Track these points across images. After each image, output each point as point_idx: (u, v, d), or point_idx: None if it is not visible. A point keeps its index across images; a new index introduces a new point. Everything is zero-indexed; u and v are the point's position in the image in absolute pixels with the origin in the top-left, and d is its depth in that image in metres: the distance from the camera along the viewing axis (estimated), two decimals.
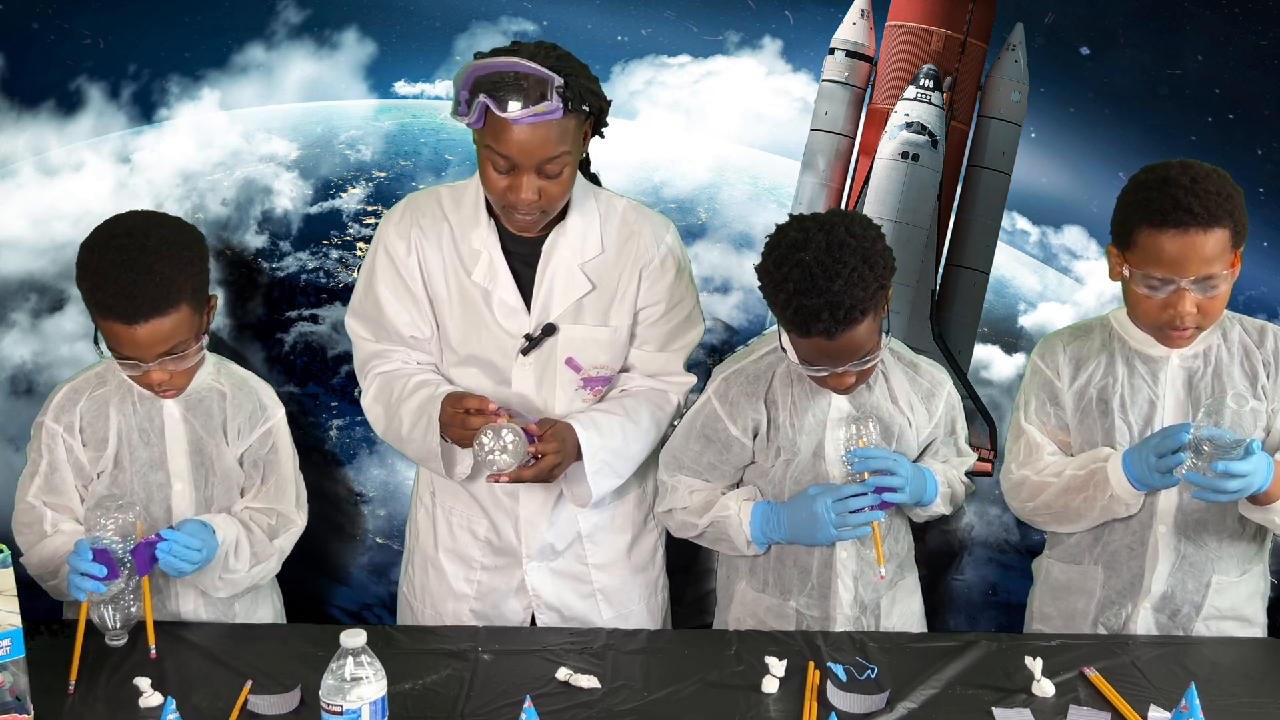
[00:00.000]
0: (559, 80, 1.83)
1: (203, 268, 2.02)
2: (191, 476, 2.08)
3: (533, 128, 1.84)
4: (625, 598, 2.25)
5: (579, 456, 2.03)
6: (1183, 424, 1.89)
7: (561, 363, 2.09)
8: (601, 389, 2.14)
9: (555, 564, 2.20)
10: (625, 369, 2.17)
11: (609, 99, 1.99)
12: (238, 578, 2.04)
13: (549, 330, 2.06)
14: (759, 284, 1.93)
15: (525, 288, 2.06)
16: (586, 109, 1.90)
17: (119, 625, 1.89)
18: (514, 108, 1.81)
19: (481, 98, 1.83)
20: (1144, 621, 2.07)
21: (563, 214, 2.04)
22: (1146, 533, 2.04)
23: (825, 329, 1.82)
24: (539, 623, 2.23)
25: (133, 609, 1.90)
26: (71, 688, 1.80)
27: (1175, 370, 2.02)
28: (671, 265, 2.11)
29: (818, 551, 2.05)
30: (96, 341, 2.00)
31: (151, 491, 2.06)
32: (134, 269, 1.89)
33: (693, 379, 2.22)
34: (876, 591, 2.09)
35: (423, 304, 2.10)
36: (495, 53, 1.87)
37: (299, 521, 2.16)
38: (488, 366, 2.10)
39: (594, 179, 2.20)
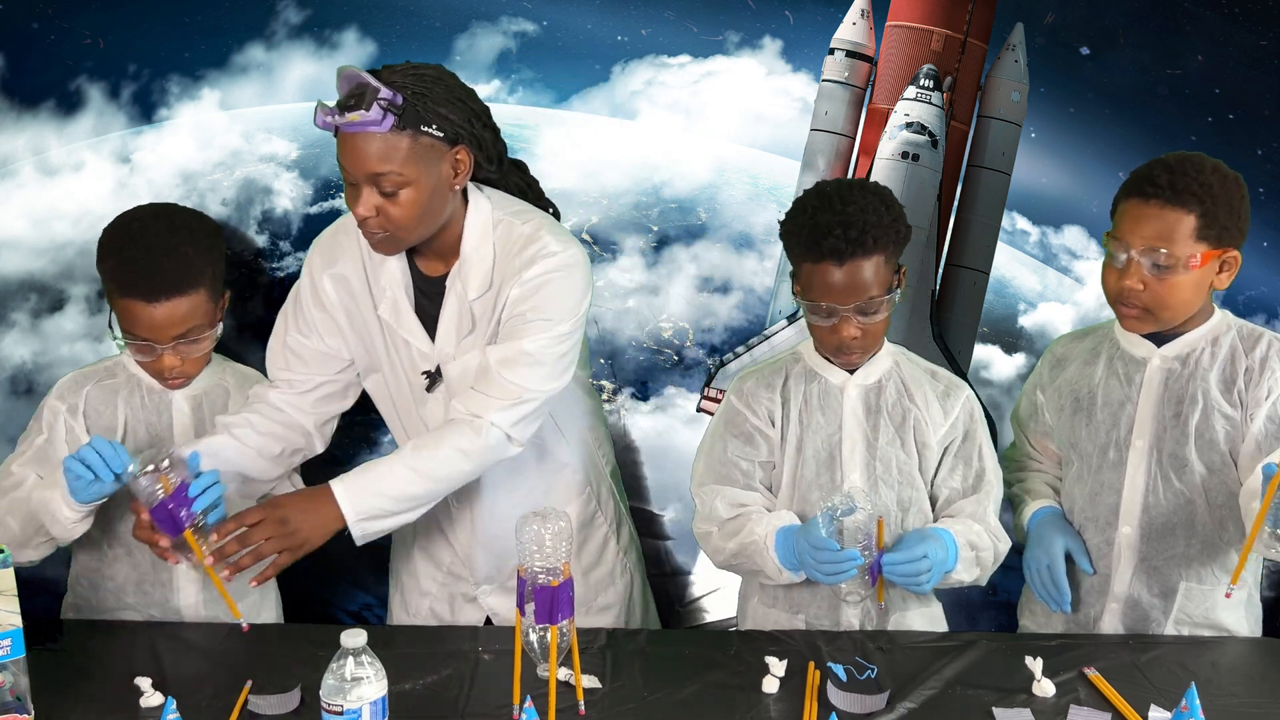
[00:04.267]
0: (385, 93, 1.79)
1: (222, 256, 2.07)
2: None
3: (357, 139, 1.80)
4: (582, 596, 2.21)
5: (317, 508, 1.86)
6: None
7: None
8: None
9: (507, 582, 2.19)
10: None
11: (489, 129, 1.92)
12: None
13: (440, 371, 2.03)
14: (781, 232, 1.95)
15: (431, 325, 2.02)
16: (439, 134, 1.84)
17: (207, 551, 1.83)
18: (339, 114, 1.80)
19: (319, 102, 1.82)
20: (1110, 622, 2.07)
21: (459, 251, 1.98)
22: (1113, 533, 2.04)
23: (835, 247, 1.85)
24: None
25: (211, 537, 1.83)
26: (245, 624, 1.85)
27: (1154, 371, 2.01)
28: (536, 287, 1.93)
29: None
30: (111, 326, 2.00)
31: None
32: (158, 247, 1.95)
33: (523, 394, 1.94)
34: (888, 603, 2.06)
35: (346, 333, 2.07)
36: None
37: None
38: (408, 402, 2.09)
39: (554, 210, 2.13)
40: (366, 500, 1.88)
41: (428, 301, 2.03)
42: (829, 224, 1.85)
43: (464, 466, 1.95)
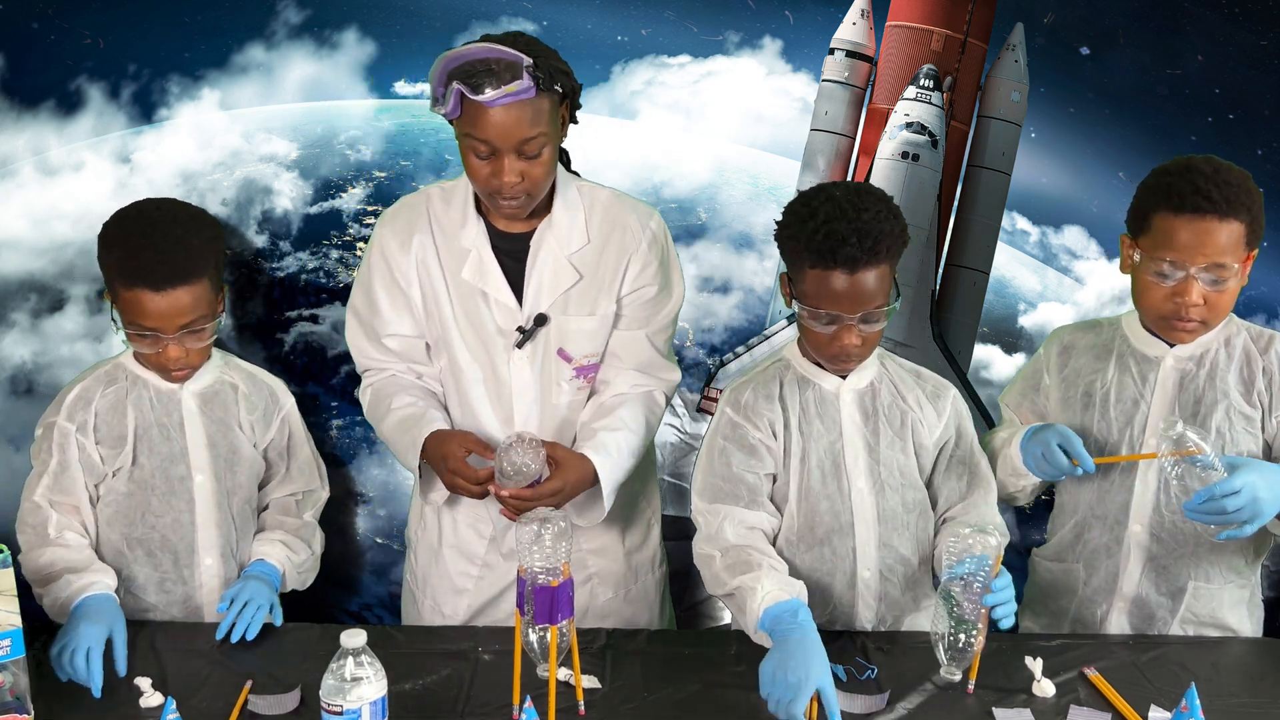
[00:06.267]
0: (528, 60, 1.87)
1: (222, 248, 2.12)
2: (212, 468, 2.10)
3: (507, 109, 1.88)
4: (621, 580, 2.28)
5: (586, 481, 2.05)
6: (1065, 434, 1.94)
7: (554, 354, 2.12)
8: (593, 375, 2.18)
9: None
10: (611, 356, 2.17)
11: (580, 83, 2.03)
12: (310, 563, 2.23)
13: (540, 321, 2.09)
14: (779, 233, 1.92)
15: (515, 283, 2.09)
16: (560, 89, 1.94)
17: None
18: (487, 91, 1.85)
19: (455, 85, 1.88)
20: (1117, 622, 2.07)
21: (548, 207, 2.08)
22: (1122, 531, 2.04)
23: (851, 256, 1.82)
24: None
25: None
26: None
27: (1168, 371, 2.01)
28: (657, 251, 2.13)
29: (838, 573, 2.01)
30: (114, 320, 2.02)
31: (174, 485, 2.08)
32: (163, 237, 1.99)
33: (678, 373, 2.24)
34: (900, 609, 2.06)
35: (416, 306, 2.13)
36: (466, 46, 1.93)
37: (323, 493, 2.30)
38: (485, 365, 2.13)
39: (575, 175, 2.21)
40: (615, 474, 2.08)
41: (508, 259, 2.09)
42: (844, 232, 1.81)
43: (653, 434, 2.20)
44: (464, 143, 1.94)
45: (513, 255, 2.09)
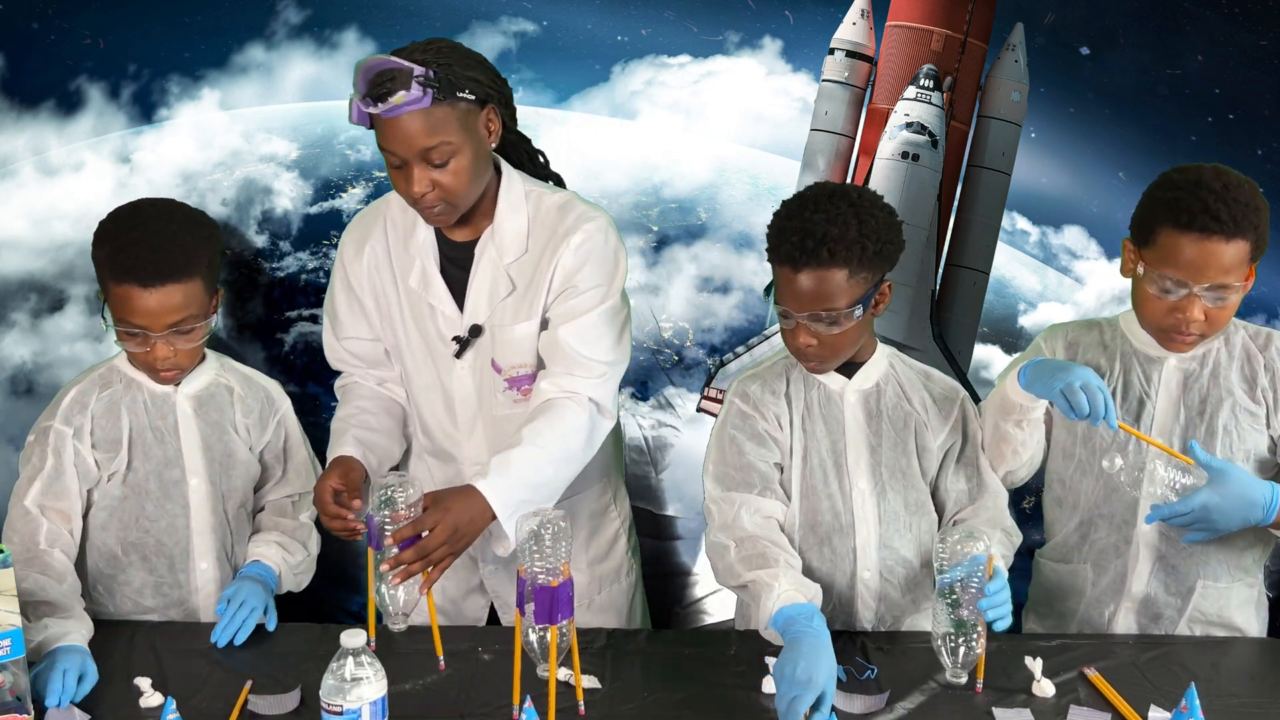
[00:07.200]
0: (419, 70, 1.85)
1: (217, 249, 2.09)
2: (207, 472, 2.09)
3: (402, 120, 1.86)
4: (584, 590, 2.24)
5: (479, 509, 1.90)
6: (1082, 372, 1.89)
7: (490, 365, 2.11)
8: (527, 388, 2.11)
9: (511, 565, 2.17)
10: (540, 360, 2.10)
11: (509, 89, 2.01)
12: (305, 564, 2.19)
13: (475, 331, 2.07)
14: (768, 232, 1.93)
15: (461, 292, 2.08)
16: (471, 97, 1.91)
17: (402, 609, 1.92)
18: (379, 103, 1.85)
19: (354, 98, 1.89)
20: (1124, 622, 2.07)
21: (493, 216, 2.05)
22: (1131, 531, 2.04)
23: (789, 254, 1.83)
24: (500, 620, 2.26)
25: (415, 593, 1.89)
26: (372, 644, 1.89)
27: (1171, 371, 2.01)
28: (586, 252, 2.02)
29: (838, 573, 2.01)
30: (104, 317, 2.01)
31: (168, 489, 2.07)
32: (159, 234, 1.98)
33: (604, 367, 2.02)
34: (899, 610, 2.06)
35: (370, 312, 2.14)
36: None
37: None
38: (432, 373, 2.13)
39: (557, 179, 2.20)
40: (513, 494, 1.91)
41: (454, 268, 2.08)
42: (790, 228, 1.84)
43: (578, 441, 2.01)
44: (382, 153, 1.95)
45: (458, 264, 2.08)
